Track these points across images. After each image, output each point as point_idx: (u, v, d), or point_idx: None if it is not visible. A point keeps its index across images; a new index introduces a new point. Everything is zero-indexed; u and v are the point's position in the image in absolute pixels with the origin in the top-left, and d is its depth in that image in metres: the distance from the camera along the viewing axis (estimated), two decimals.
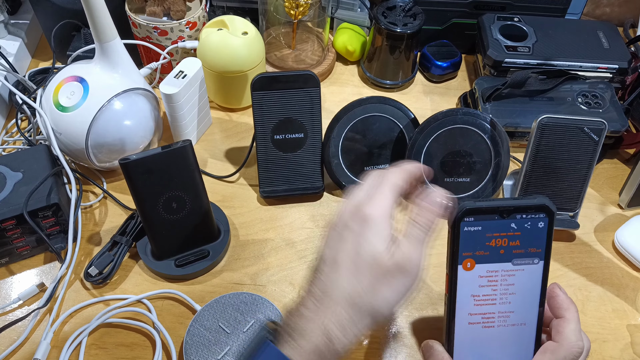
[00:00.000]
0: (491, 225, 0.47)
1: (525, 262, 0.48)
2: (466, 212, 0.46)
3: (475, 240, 0.47)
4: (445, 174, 0.69)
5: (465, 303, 0.49)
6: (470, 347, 0.50)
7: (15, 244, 0.62)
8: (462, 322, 0.49)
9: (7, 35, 0.87)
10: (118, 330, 0.59)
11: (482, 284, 0.48)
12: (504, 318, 0.49)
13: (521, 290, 0.49)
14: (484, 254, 0.47)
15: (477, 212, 0.46)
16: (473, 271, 0.48)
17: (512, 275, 0.48)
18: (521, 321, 0.49)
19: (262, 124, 0.68)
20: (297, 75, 0.67)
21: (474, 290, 0.49)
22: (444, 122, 0.67)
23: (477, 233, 0.47)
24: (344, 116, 0.70)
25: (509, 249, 0.47)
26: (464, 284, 0.48)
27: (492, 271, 0.48)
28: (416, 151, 0.68)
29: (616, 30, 0.84)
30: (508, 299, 0.49)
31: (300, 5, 0.79)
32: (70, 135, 0.65)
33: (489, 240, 0.47)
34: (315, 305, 0.43)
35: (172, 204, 0.61)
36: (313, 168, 0.71)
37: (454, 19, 0.88)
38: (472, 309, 0.49)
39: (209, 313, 0.58)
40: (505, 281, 0.48)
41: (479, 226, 0.47)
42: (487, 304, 0.49)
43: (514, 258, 0.48)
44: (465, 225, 0.46)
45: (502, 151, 0.68)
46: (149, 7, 0.76)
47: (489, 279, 0.48)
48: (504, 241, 0.47)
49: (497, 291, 0.48)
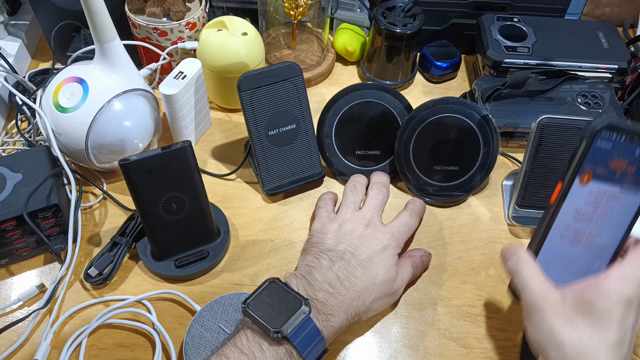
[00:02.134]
0: (620, 146, 0.47)
1: (631, 192, 0.48)
2: (606, 127, 0.46)
3: (602, 156, 0.47)
4: (434, 162, 0.70)
5: (566, 216, 0.50)
6: (551, 261, 0.51)
7: (15, 244, 0.62)
8: (555, 234, 0.50)
9: (7, 36, 0.87)
10: (118, 331, 0.59)
11: (588, 201, 0.49)
12: (592, 238, 0.50)
13: (616, 216, 0.49)
14: (603, 172, 0.48)
15: (615, 130, 0.47)
16: (587, 186, 0.49)
17: (615, 200, 0.49)
18: (604, 244, 0.50)
19: (254, 123, 0.68)
20: (278, 67, 0.67)
21: (579, 205, 0.49)
22: (434, 110, 0.68)
23: (606, 151, 0.47)
24: (342, 98, 0.71)
25: (624, 174, 0.48)
26: (574, 197, 0.49)
27: (601, 191, 0.49)
28: (406, 138, 0.69)
29: (616, 30, 0.84)
30: (602, 221, 0.50)
31: (300, 6, 0.79)
32: (70, 136, 0.65)
33: (612, 161, 0.48)
34: (344, 289, 0.53)
35: (171, 205, 0.61)
36: (310, 156, 0.72)
37: (454, 19, 0.88)
38: (570, 223, 0.50)
39: (209, 314, 0.58)
40: (608, 204, 0.49)
41: (610, 144, 0.47)
42: (584, 222, 0.50)
43: (625, 184, 0.48)
44: (599, 139, 0.47)
45: (492, 141, 0.68)
46: (148, 8, 0.76)
47: (596, 197, 0.49)
48: (624, 165, 0.48)
49: (597, 211, 0.49)
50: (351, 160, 0.73)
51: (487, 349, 0.59)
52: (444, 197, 0.71)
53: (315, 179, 0.72)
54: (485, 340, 0.60)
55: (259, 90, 0.67)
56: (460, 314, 0.62)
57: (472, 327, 0.61)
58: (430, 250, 0.66)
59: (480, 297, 0.63)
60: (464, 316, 0.61)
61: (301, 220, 0.70)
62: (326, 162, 0.73)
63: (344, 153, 0.73)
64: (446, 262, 0.66)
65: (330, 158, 0.73)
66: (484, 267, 0.65)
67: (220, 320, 0.57)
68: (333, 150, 0.72)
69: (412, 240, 0.68)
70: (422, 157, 0.70)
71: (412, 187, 0.72)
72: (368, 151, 0.73)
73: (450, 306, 0.62)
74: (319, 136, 0.72)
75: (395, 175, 0.73)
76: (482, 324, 0.61)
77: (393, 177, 0.73)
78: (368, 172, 0.72)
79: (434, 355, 0.58)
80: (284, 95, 0.69)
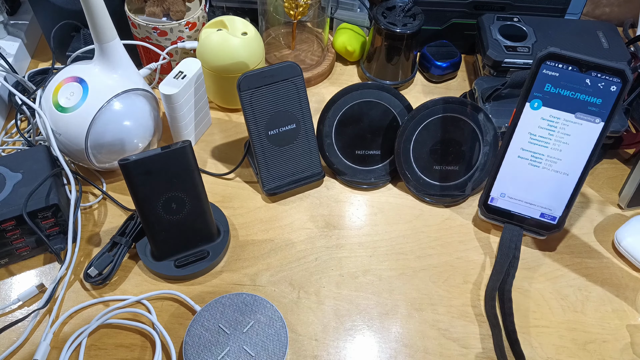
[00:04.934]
0: (567, 75, 0.51)
1: (587, 119, 0.52)
2: (549, 56, 0.50)
3: (549, 84, 0.51)
4: (434, 162, 0.70)
5: (521, 138, 0.55)
6: (512, 179, 0.57)
7: (14, 244, 0.62)
8: (512, 154, 0.56)
9: (7, 36, 0.87)
10: (118, 331, 0.59)
11: (541, 126, 0.53)
12: (550, 163, 0.54)
13: (575, 143, 0.53)
14: (553, 99, 0.52)
15: (559, 59, 0.50)
16: (538, 111, 0.53)
17: (570, 126, 0.53)
18: (565, 171, 0.54)
19: (254, 122, 0.68)
20: (278, 67, 0.67)
21: (533, 129, 0.54)
22: (434, 110, 0.69)
23: (553, 78, 0.51)
24: (341, 98, 0.71)
25: (576, 102, 0.52)
26: (526, 121, 0.54)
27: (554, 117, 0.53)
28: (406, 138, 0.70)
29: (616, 30, 0.84)
30: (560, 147, 0.54)
31: (300, 6, 0.79)
32: (70, 136, 0.65)
33: (561, 89, 0.51)
34: None
35: (171, 205, 0.61)
36: (310, 156, 0.72)
37: (454, 19, 0.88)
38: (525, 145, 0.55)
39: (209, 314, 0.58)
40: (563, 130, 0.53)
41: (557, 72, 0.51)
42: (540, 145, 0.54)
43: (578, 111, 0.52)
44: (545, 67, 0.51)
45: (491, 141, 0.68)
46: (148, 8, 0.76)
47: (550, 123, 0.53)
48: (573, 93, 0.51)
49: (553, 136, 0.53)
50: (351, 160, 0.73)
51: (487, 349, 0.59)
52: (444, 197, 0.71)
53: (315, 179, 0.72)
54: (485, 340, 0.60)
55: (259, 90, 0.67)
56: (460, 314, 0.62)
57: (472, 327, 0.61)
58: (430, 251, 0.66)
59: (480, 297, 0.63)
60: (464, 316, 0.61)
61: (301, 220, 0.70)
62: (326, 162, 0.73)
63: (343, 153, 0.73)
64: (446, 262, 0.66)
65: (330, 158, 0.73)
66: (484, 267, 0.65)
67: (220, 320, 0.57)
68: (333, 150, 0.72)
69: (412, 240, 0.68)
70: (422, 157, 0.70)
71: (412, 187, 0.72)
72: (368, 151, 0.73)
73: (450, 306, 0.62)
74: (319, 136, 0.72)
75: (395, 175, 0.73)
76: (482, 324, 0.61)
77: (393, 177, 0.73)
78: (368, 172, 0.72)
79: (434, 355, 0.58)
80: (284, 95, 0.69)
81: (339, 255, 0.66)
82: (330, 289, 0.63)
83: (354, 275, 0.65)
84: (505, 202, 0.61)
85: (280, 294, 0.63)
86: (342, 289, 0.63)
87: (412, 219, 0.70)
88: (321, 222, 0.69)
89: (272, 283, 0.64)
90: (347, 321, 0.61)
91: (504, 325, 0.60)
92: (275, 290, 0.63)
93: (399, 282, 0.64)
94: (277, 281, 0.64)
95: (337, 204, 0.71)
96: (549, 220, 0.62)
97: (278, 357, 0.55)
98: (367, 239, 0.68)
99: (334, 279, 0.64)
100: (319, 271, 0.65)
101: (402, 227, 0.69)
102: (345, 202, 0.72)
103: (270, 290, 0.63)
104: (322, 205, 0.71)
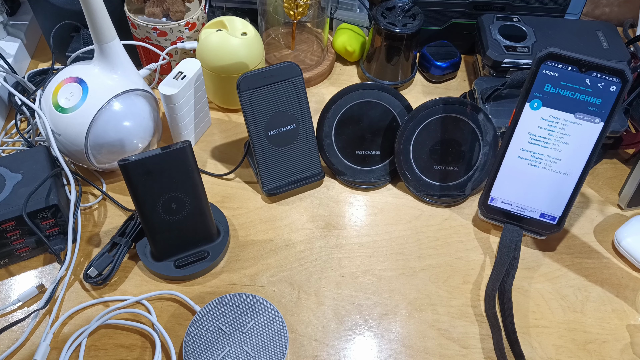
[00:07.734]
0: (567, 75, 0.51)
1: (587, 119, 0.52)
2: (549, 56, 0.50)
3: (549, 84, 0.51)
4: (434, 162, 0.70)
5: (521, 138, 0.55)
6: (512, 179, 0.57)
7: (14, 245, 0.62)
8: (512, 155, 0.56)
9: (6, 36, 0.87)
10: (117, 332, 0.59)
11: (541, 126, 0.54)
12: (550, 163, 0.54)
13: (575, 143, 0.53)
14: (552, 99, 0.52)
15: (558, 59, 0.51)
16: (538, 111, 0.53)
17: (570, 126, 0.53)
18: (565, 171, 0.54)
19: (254, 123, 0.68)
20: (278, 67, 0.68)
21: (533, 129, 0.54)
22: (434, 110, 0.69)
23: (553, 78, 0.51)
24: (341, 99, 0.71)
25: (575, 102, 0.52)
26: (526, 121, 0.54)
27: (554, 117, 0.53)
28: (406, 138, 0.70)
29: (615, 30, 0.84)
30: (560, 147, 0.54)
31: (300, 6, 0.79)
32: (70, 136, 0.65)
33: (561, 89, 0.51)
34: None
35: (171, 205, 0.61)
36: (310, 156, 0.72)
37: (453, 19, 0.88)
38: (525, 145, 0.55)
39: (209, 314, 0.58)
40: (563, 130, 0.53)
41: (557, 72, 0.51)
42: (540, 146, 0.54)
43: (578, 112, 0.52)
44: (544, 67, 0.51)
45: (491, 141, 0.68)
46: (148, 8, 0.76)
47: (549, 123, 0.53)
48: (573, 93, 0.51)
49: (553, 137, 0.53)
50: (351, 160, 0.73)
51: (487, 349, 0.59)
52: (444, 197, 0.71)
53: (315, 179, 0.72)
54: (485, 341, 0.60)
55: (259, 90, 0.67)
56: (460, 314, 0.62)
57: (472, 327, 0.61)
58: (430, 251, 0.66)
59: (480, 297, 0.63)
60: (463, 316, 0.61)
61: (301, 220, 0.70)
62: (326, 162, 0.73)
63: (343, 153, 0.73)
64: (446, 263, 0.66)
65: (330, 158, 0.73)
66: (484, 267, 0.65)
67: (220, 321, 0.57)
68: (333, 150, 0.72)
69: (412, 240, 0.68)
70: (422, 157, 0.70)
71: (412, 187, 0.72)
72: (368, 151, 0.73)
73: (450, 306, 0.62)
74: (318, 136, 0.72)
75: (395, 176, 0.73)
76: (482, 324, 0.61)
77: (393, 178, 0.73)
78: (368, 172, 0.72)
79: (434, 355, 0.58)
80: (283, 95, 0.69)
81: (339, 255, 0.66)
82: (330, 289, 0.63)
83: (353, 275, 0.65)
84: (505, 202, 0.61)
85: (280, 294, 0.63)
86: (342, 289, 0.63)
87: (412, 219, 0.70)
88: (321, 223, 0.69)
89: (272, 283, 0.64)
90: (347, 321, 0.61)
91: (503, 326, 0.60)
92: (275, 291, 0.63)
93: (398, 282, 0.64)
94: (277, 281, 0.64)
95: (337, 204, 0.71)
96: (549, 221, 0.62)
97: (278, 358, 0.55)
98: (367, 239, 0.68)
99: (333, 279, 0.64)
100: (319, 271, 0.65)
101: (402, 228, 0.69)
102: (345, 203, 0.72)
103: (270, 291, 0.63)
104: (322, 205, 0.71)
